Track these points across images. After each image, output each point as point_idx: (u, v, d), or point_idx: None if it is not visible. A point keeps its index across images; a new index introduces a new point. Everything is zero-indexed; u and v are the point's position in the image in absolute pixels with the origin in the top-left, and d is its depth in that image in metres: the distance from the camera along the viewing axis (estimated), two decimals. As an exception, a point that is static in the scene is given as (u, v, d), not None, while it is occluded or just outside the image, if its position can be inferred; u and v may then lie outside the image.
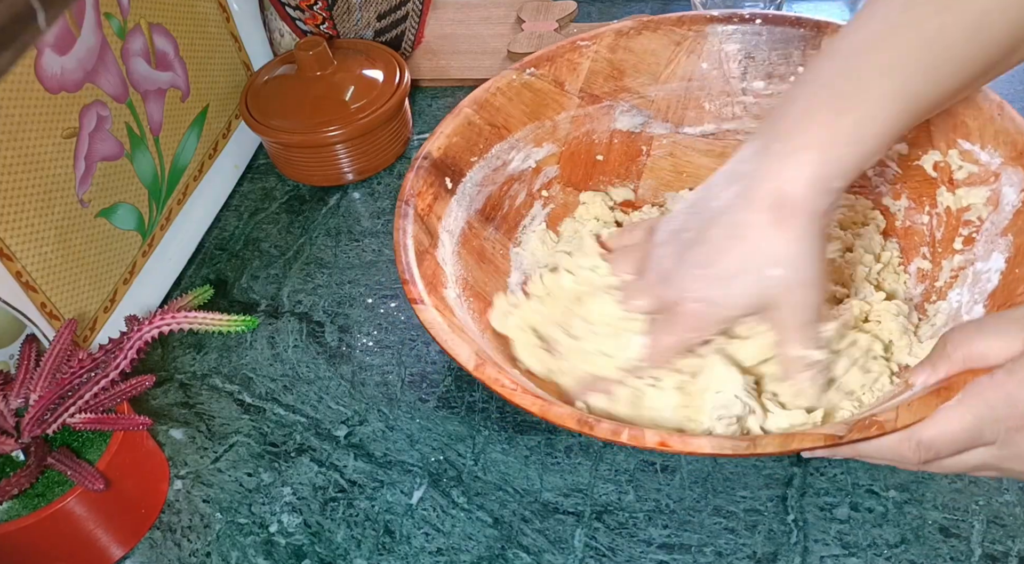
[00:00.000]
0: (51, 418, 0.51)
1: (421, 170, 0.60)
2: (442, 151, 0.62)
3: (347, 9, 0.83)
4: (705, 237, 0.48)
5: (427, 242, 0.57)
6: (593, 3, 0.95)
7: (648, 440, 0.42)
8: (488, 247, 0.63)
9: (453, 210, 0.61)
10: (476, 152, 0.63)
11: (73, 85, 0.60)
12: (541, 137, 0.66)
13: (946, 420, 0.40)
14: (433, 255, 0.57)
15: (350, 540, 0.54)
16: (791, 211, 0.45)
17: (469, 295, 0.59)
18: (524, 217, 0.66)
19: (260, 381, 0.64)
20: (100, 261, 0.63)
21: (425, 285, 0.54)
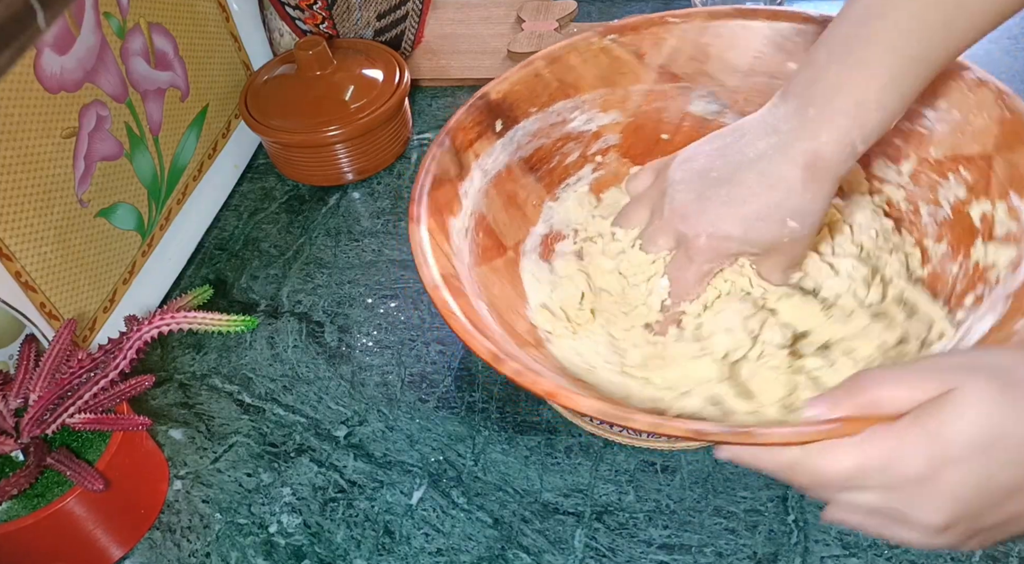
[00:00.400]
0: (50, 418, 0.51)
1: (473, 108, 0.61)
2: (501, 95, 0.62)
3: (347, 8, 0.83)
4: (737, 179, 0.51)
5: (454, 172, 0.58)
6: (593, 3, 0.95)
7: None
8: (522, 194, 0.63)
9: (496, 152, 0.61)
10: (537, 103, 0.63)
11: (72, 85, 0.60)
12: (609, 104, 0.65)
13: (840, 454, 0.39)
14: (455, 186, 0.58)
15: (350, 540, 0.54)
16: (823, 171, 0.49)
17: (481, 231, 0.59)
18: (570, 176, 0.65)
19: (260, 381, 0.64)
20: (99, 261, 0.63)
21: (430, 208, 0.55)
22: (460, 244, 0.57)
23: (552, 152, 0.65)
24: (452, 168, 0.59)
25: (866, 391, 0.39)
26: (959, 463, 0.37)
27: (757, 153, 0.51)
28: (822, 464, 0.39)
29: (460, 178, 0.59)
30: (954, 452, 0.36)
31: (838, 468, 0.39)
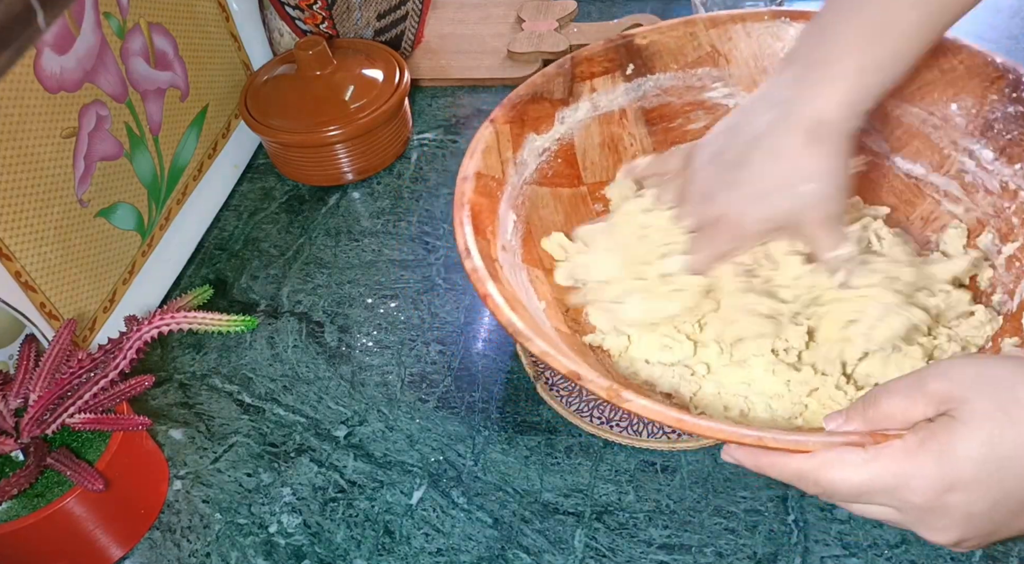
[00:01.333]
0: (50, 418, 0.51)
1: (611, 45, 0.61)
2: (647, 42, 0.62)
3: (347, 8, 0.83)
4: (746, 159, 0.52)
5: (559, 94, 0.59)
6: (593, 2, 0.95)
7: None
8: (626, 141, 0.63)
9: (617, 92, 0.62)
10: (681, 62, 0.63)
11: (72, 85, 0.60)
12: (756, 85, 0.64)
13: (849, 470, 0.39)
14: (554, 106, 0.59)
15: (350, 540, 0.54)
16: (826, 133, 0.50)
17: (561, 158, 0.60)
18: (686, 141, 0.64)
19: (260, 381, 0.64)
20: (99, 261, 0.63)
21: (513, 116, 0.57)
22: (529, 159, 0.58)
23: (678, 113, 0.64)
24: (558, 90, 0.60)
25: (877, 404, 0.40)
26: (967, 486, 0.37)
27: (761, 128, 0.52)
28: (831, 477, 0.39)
29: (564, 103, 0.60)
30: (962, 476, 0.36)
31: (847, 484, 0.39)
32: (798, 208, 0.52)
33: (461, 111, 0.84)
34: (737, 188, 0.53)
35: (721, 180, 0.53)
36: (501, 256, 0.53)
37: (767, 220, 0.53)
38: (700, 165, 0.55)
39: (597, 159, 0.62)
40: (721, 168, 0.54)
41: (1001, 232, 0.57)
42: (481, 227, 0.53)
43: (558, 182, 0.60)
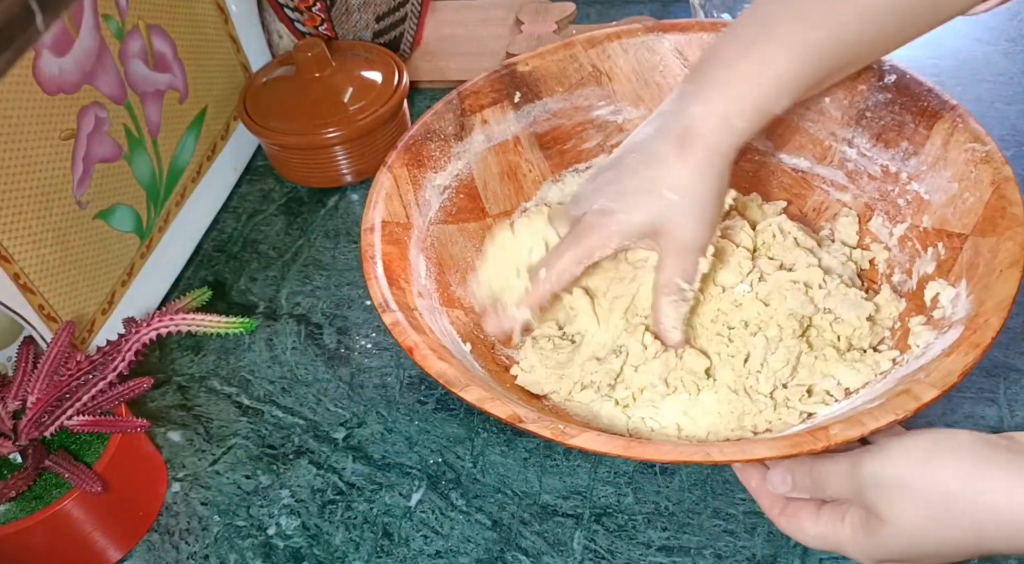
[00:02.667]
0: (49, 420, 0.51)
1: (495, 75, 0.62)
2: (530, 68, 0.63)
3: (346, 10, 0.83)
4: (621, 161, 0.53)
5: (452, 131, 0.60)
6: (592, 4, 0.95)
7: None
8: (524, 168, 0.64)
9: (508, 121, 0.62)
10: (565, 85, 0.64)
11: (71, 86, 0.60)
12: (641, 99, 0.66)
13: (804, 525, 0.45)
14: (449, 144, 0.60)
15: (348, 543, 0.54)
16: (694, 144, 0.50)
17: (462, 194, 0.60)
18: (582, 162, 0.66)
19: (258, 383, 0.64)
20: (98, 263, 0.63)
21: (408, 158, 0.57)
22: (431, 199, 0.59)
23: (570, 135, 0.65)
24: (451, 127, 0.60)
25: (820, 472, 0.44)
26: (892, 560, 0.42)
27: (641, 137, 0.53)
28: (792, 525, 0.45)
29: (458, 138, 0.60)
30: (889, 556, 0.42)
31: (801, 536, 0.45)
32: (660, 215, 0.51)
33: (460, 113, 0.84)
34: (610, 184, 0.53)
35: (596, 181, 0.54)
36: (419, 303, 0.53)
37: (629, 220, 0.52)
38: (587, 177, 0.56)
39: (498, 189, 0.63)
40: (599, 173, 0.54)
41: (890, 214, 0.59)
42: (394, 277, 0.53)
43: (463, 218, 0.60)
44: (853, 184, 0.61)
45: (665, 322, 0.53)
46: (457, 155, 0.60)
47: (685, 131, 0.50)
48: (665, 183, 0.51)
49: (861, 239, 0.61)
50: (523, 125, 0.63)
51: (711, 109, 0.50)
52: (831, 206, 0.63)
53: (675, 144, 0.51)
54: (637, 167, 0.52)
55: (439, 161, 0.59)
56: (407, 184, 0.57)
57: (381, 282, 0.52)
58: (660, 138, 0.51)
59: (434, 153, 0.59)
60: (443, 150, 0.59)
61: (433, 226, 0.58)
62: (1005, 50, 0.81)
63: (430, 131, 0.59)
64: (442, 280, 0.57)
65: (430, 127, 0.59)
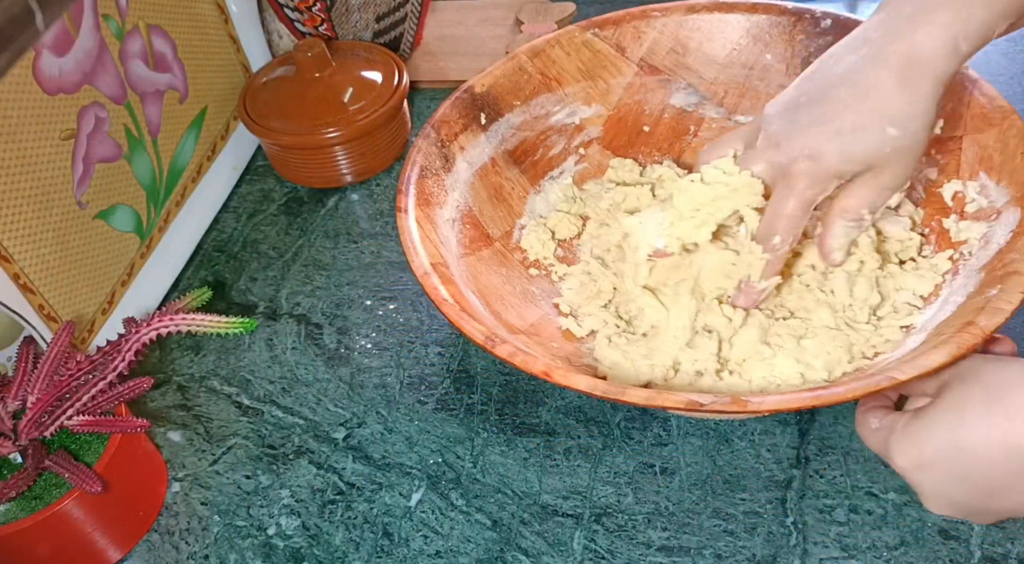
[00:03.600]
0: (49, 420, 0.51)
1: (459, 101, 0.63)
2: (486, 88, 0.64)
3: (346, 10, 0.83)
4: (826, 96, 0.48)
5: (439, 165, 0.60)
6: (591, 4, 0.95)
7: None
8: (507, 187, 0.64)
9: (481, 144, 0.63)
10: (521, 97, 0.65)
11: (71, 86, 0.60)
12: (591, 97, 0.67)
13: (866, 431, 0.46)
14: (441, 178, 0.60)
15: (348, 543, 0.54)
16: (921, 71, 0.46)
17: (467, 223, 0.61)
18: (554, 168, 0.67)
19: (258, 383, 0.64)
20: (98, 263, 0.63)
21: (417, 199, 0.57)
22: (448, 234, 0.59)
23: (536, 145, 0.66)
24: (438, 160, 0.60)
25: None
26: (930, 467, 0.42)
27: (847, 67, 0.48)
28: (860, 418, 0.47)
29: (446, 170, 0.61)
30: (925, 457, 0.41)
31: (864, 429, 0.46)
32: (878, 155, 0.48)
33: (460, 113, 0.84)
34: (818, 124, 0.48)
35: (798, 121, 0.49)
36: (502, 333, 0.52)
37: (849, 159, 0.48)
38: (773, 114, 0.51)
39: (492, 213, 0.63)
40: (797, 110, 0.50)
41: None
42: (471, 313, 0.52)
43: (475, 248, 0.61)
44: None
45: (832, 242, 0.52)
46: (451, 187, 0.61)
47: (909, 57, 0.46)
48: (886, 116, 0.47)
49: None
50: (494, 145, 0.64)
51: (938, 32, 0.45)
52: None
53: (898, 72, 0.46)
54: (851, 101, 0.47)
55: (439, 196, 0.59)
56: (428, 224, 0.57)
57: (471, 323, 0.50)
58: (876, 66, 0.47)
59: (433, 189, 0.59)
60: (439, 185, 0.60)
61: (460, 260, 0.58)
62: (1005, 50, 0.81)
63: (424, 168, 0.59)
64: (493, 311, 0.56)
65: (422, 164, 0.59)
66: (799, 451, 0.56)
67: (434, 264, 0.53)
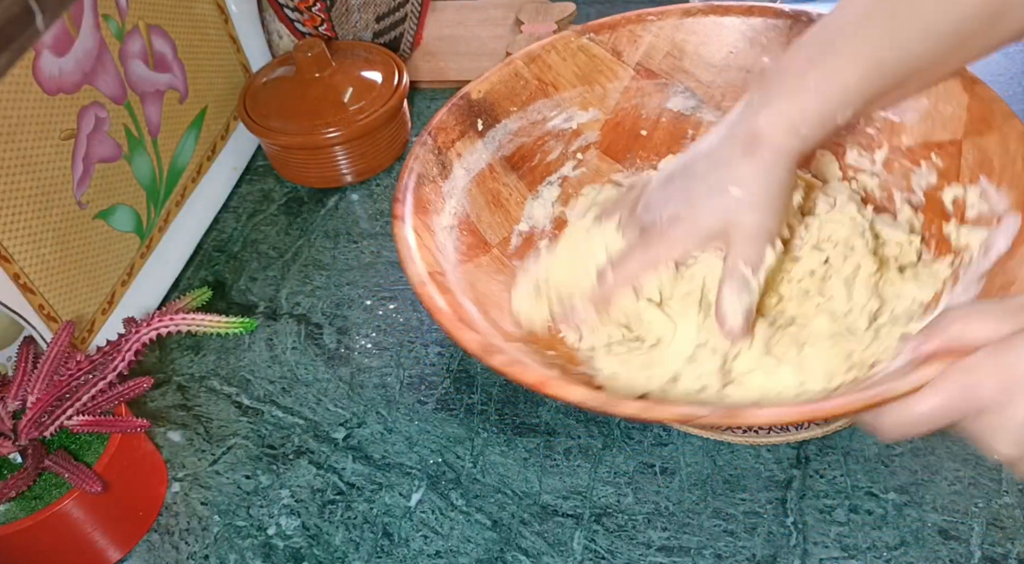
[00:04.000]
0: (48, 420, 0.51)
1: (455, 108, 0.62)
2: (482, 94, 0.63)
3: (346, 11, 0.83)
4: (689, 169, 0.54)
5: (436, 172, 0.60)
6: (592, 4, 0.95)
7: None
8: (505, 193, 0.64)
9: (478, 150, 0.63)
10: (518, 103, 0.65)
11: (71, 86, 0.60)
12: (588, 102, 0.67)
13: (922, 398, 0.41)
14: (439, 185, 0.60)
15: (348, 543, 0.54)
16: (759, 146, 0.51)
17: (465, 230, 0.60)
18: (552, 173, 0.67)
19: (258, 383, 0.64)
20: (98, 263, 0.63)
21: (415, 206, 0.57)
22: (445, 242, 0.58)
23: (534, 150, 0.66)
24: (435, 167, 0.60)
25: (951, 326, 0.42)
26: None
27: (708, 144, 0.54)
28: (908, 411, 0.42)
29: (443, 177, 0.61)
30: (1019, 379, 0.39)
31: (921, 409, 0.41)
32: (727, 212, 0.52)
33: (460, 113, 0.84)
34: (680, 193, 0.54)
35: (667, 190, 0.55)
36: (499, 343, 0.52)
37: (696, 224, 0.53)
38: (653, 187, 0.57)
39: (490, 219, 0.63)
40: (670, 182, 0.55)
41: (863, 145, 0.61)
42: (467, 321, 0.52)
43: (473, 254, 0.60)
44: None
45: (726, 309, 0.53)
46: (448, 194, 0.60)
47: (751, 135, 0.51)
48: (730, 180, 0.52)
49: (844, 174, 0.62)
50: (491, 151, 0.64)
51: (778, 116, 0.51)
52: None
53: (741, 147, 0.52)
54: (705, 173, 0.53)
55: (437, 204, 0.59)
56: (426, 232, 0.57)
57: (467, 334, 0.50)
58: (727, 143, 0.53)
59: (431, 196, 0.59)
60: (436, 192, 0.60)
61: (458, 268, 0.58)
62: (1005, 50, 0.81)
63: (421, 176, 0.59)
64: (490, 319, 0.56)
65: (419, 172, 0.59)
66: (799, 451, 0.56)
67: (431, 273, 0.53)
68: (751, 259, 0.53)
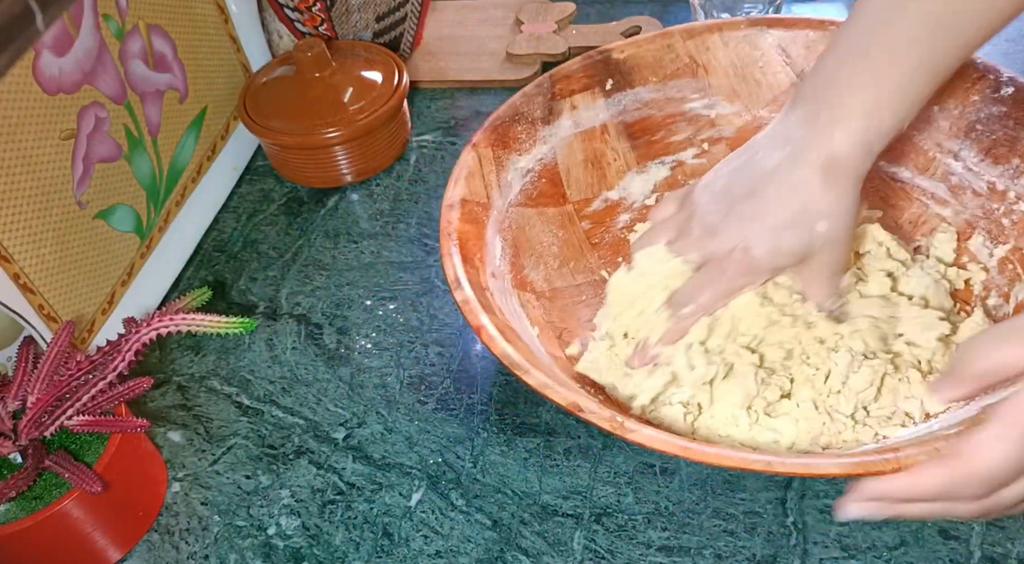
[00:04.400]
0: (49, 420, 0.51)
1: (590, 60, 0.61)
2: (625, 56, 0.62)
3: (346, 10, 0.83)
4: (758, 193, 0.52)
5: (540, 115, 0.59)
6: (592, 4, 0.95)
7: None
8: (609, 156, 0.63)
9: (597, 108, 0.62)
10: (660, 75, 0.63)
11: (71, 86, 0.60)
12: (737, 95, 0.64)
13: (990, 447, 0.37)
14: (536, 128, 0.59)
15: (348, 543, 0.54)
16: (842, 172, 0.50)
17: (545, 177, 0.60)
18: (669, 154, 0.65)
19: (258, 383, 0.64)
20: (98, 263, 0.63)
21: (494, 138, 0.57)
22: (513, 181, 0.58)
23: (659, 126, 0.64)
24: (539, 110, 0.59)
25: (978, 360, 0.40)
26: None
27: (774, 164, 0.52)
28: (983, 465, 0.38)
29: (546, 122, 0.59)
30: None
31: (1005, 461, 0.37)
32: (810, 246, 0.51)
33: (460, 113, 0.84)
34: (751, 220, 0.52)
35: (731, 214, 0.53)
36: (491, 283, 0.53)
37: (781, 254, 0.52)
38: (708, 203, 0.54)
39: (581, 176, 0.62)
40: (732, 202, 0.53)
41: (992, 234, 0.57)
42: (469, 255, 0.53)
43: (543, 202, 0.60)
44: (955, 199, 0.59)
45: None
46: (543, 139, 0.59)
47: (830, 159, 0.50)
48: (814, 213, 0.50)
49: (958, 257, 0.59)
50: (613, 113, 0.62)
51: (854, 139, 0.50)
52: (929, 220, 0.60)
53: (820, 174, 0.50)
54: (781, 199, 0.51)
55: (524, 144, 0.59)
56: (491, 164, 0.56)
57: (455, 259, 0.51)
58: (801, 166, 0.51)
59: (520, 135, 0.58)
60: (529, 133, 0.59)
61: (513, 208, 0.58)
62: (1005, 50, 0.81)
63: (518, 113, 0.58)
64: (516, 262, 0.57)
65: (519, 109, 0.58)
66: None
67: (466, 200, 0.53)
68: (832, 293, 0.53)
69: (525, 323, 0.54)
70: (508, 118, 0.58)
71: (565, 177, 0.61)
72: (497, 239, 0.56)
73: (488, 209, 0.55)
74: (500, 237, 0.57)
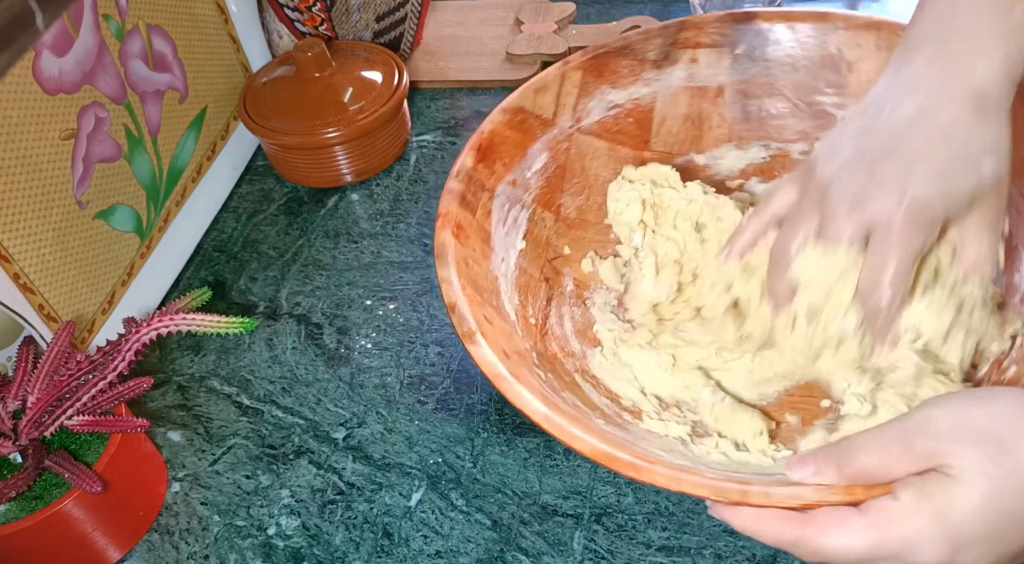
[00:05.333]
0: (49, 420, 0.51)
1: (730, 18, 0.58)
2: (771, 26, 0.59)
3: (346, 10, 0.83)
4: (903, 147, 0.46)
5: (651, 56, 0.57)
6: (592, 4, 0.95)
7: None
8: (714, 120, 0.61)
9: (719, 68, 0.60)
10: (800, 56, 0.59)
11: (71, 86, 0.60)
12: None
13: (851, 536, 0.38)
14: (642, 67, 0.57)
15: (348, 543, 0.54)
16: (992, 102, 0.45)
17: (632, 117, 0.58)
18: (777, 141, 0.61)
19: (258, 383, 0.64)
20: (98, 263, 0.63)
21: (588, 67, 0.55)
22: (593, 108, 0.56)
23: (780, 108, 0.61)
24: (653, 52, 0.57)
25: (853, 459, 0.39)
26: (973, 545, 0.36)
27: (910, 114, 0.46)
28: (830, 544, 0.38)
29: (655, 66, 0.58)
30: (967, 535, 0.36)
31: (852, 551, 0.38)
32: (978, 188, 0.46)
33: (460, 113, 0.84)
34: (908, 174, 0.45)
35: (876, 175, 0.46)
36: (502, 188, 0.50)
37: (953, 198, 0.46)
38: (840, 172, 0.48)
39: (674, 129, 0.59)
40: (872, 165, 0.46)
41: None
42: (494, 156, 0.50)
43: (620, 140, 0.57)
44: None
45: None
46: (646, 81, 0.57)
47: (977, 93, 0.45)
48: (976, 151, 0.45)
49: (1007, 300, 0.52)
50: (735, 79, 0.59)
51: (997, 65, 0.45)
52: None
53: (972, 108, 0.45)
54: (934, 145, 0.45)
55: (622, 80, 0.56)
56: (573, 87, 0.55)
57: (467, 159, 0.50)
58: (945, 106, 0.46)
59: (621, 70, 0.56)
60: (632, 70, 0.56)
61: (581, 135, 0.55)
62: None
63: (628, 48, 0.56)
64: (555, 183, 0.54)
65: (630, 44, 0.56)
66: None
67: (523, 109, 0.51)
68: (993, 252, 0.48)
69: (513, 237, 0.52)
70: (615, 50, 0.56)
71: (657, 124, 0.58)
72: (544, 155, 0.54)
73: (548, 126, 0.53)
74: (549, 154, 0.54)
